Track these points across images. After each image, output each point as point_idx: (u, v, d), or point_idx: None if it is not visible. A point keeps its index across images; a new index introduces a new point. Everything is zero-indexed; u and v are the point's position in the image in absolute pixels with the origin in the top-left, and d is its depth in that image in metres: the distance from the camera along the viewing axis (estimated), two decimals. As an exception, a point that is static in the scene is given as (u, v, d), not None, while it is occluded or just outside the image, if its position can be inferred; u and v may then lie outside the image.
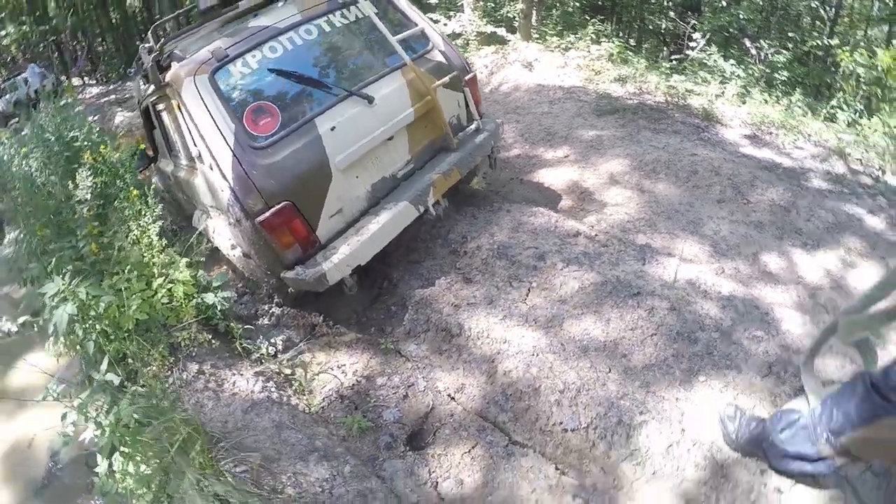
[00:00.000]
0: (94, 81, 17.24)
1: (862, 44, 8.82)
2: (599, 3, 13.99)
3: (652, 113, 5.59)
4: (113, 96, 13.35)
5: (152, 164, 4.61)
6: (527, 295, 3.01)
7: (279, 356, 3.19)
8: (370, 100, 3.18)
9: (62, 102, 4.67)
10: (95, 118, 9.76)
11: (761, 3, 12.60)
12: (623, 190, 4.12)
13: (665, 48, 11.63)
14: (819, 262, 3.59)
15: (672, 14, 13.38)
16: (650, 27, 14.64)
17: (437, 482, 2.40)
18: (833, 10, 13.07)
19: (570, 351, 2.61)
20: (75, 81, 18.67)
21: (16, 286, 4.28)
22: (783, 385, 2.46)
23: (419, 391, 2.79)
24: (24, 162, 4.08)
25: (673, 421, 2.27)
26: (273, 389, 2.81)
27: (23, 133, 5.09)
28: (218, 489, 2.05)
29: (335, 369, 3.07)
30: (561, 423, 2.36)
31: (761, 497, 2.08)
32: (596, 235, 3.42)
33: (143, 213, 3.17)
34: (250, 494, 2.06)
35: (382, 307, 3.41)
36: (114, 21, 20.67)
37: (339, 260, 2.95)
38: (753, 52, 10.31)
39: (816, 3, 14.71)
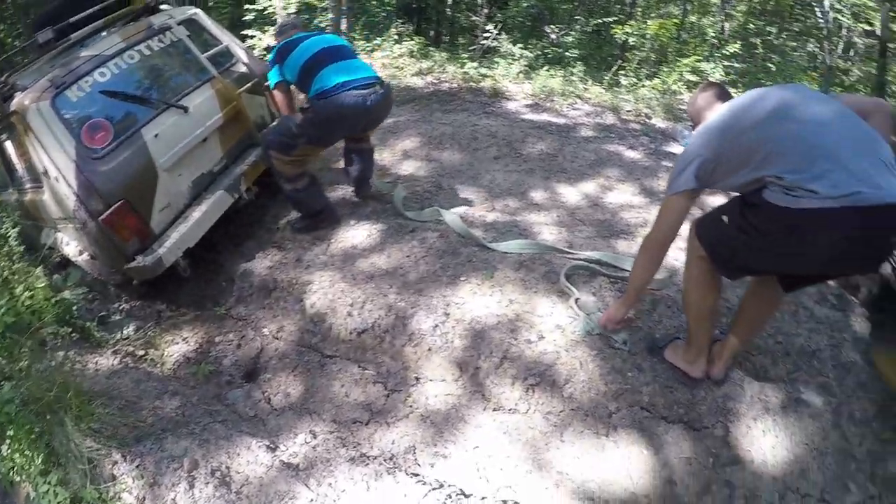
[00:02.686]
0: None
1: (633, 17, 10.30)
2: (414, 5, 15.30)
3: (444, 97, 6.64)
4: None
5: None
6: (327, 248, 3.84)
7: (132, 341, 3.81)
8: (185, 109, 3.96)
9: None
10: None
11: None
12: (414, 161, 5.04)
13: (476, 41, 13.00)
14: (580, 190, 4.64)
15: (485, 10, 14.78)
16: (464, 24, 16.13)
17: (269, 398, 3.17)
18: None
19: (359, 279, 3.46)
20: None
21: None
22: (531, 274, 3.38)
23: (250, 339, 3.56)
24: None
25: (438, 309, 3.14)
26: (130, 363, 3.48)
27: None
28: (94, 425, 2.70)
29: (181, 342, 3.73)
30: (355, 328, 3.21)
31: (512, 347, 2.95)
32: (385, 195, 4.33)
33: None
34: (120, 424, 2.74)
35: (215, 285, 4.11)
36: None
37: (172, 244, 3.69)
38: (553, 36, 11.77)
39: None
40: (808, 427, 2.76)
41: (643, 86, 8.34)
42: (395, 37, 9.33)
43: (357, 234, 3.89)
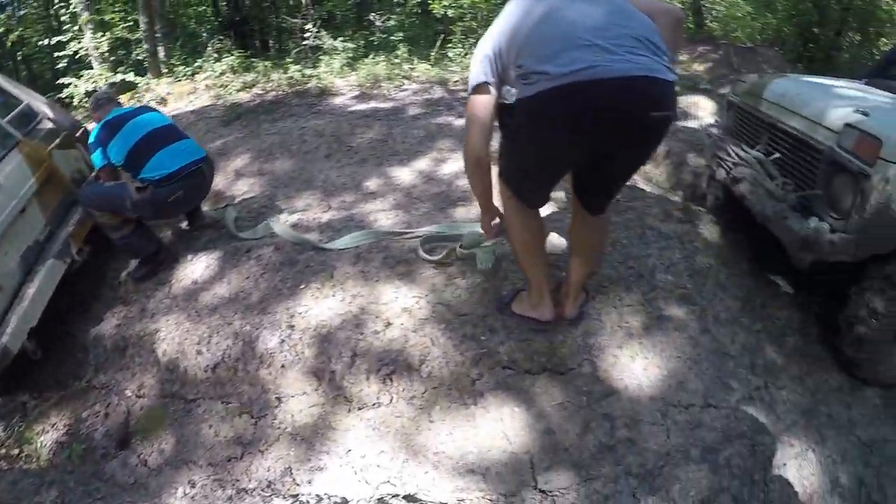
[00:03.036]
0: None
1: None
2: (236, 18, 14.88)
3: (271, 107, 6.55)
4: None
5: None
6: (169, 291, 3.72)
7: (2, 442, 3.57)
8: None
9: None
10: None
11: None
12: (247, 179, 4.95)
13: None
14: (414, 168, 4.71)
15: (311, 9, 14.57)
16: (290, 28, 15.86)
17: (145, 460, 3.05)
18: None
19: (203, 314, 3.38)
20: None
21: None
22: (370, 264, 3.41)
23: (115, 405, 3.39)
24: None
25: (282, 323, 3.12)
26: (5, 465, 3.26)
27: None
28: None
29: (50, 429, 3.53)
30: (207, 365, 3.14)
31: (360, 342, 2.96)
32: (219, 221, 4.26)
33: None
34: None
35: (71, 358, 3.90)
36: None
37: (13, 330, 3.37)
38: (379, 23, 11.76)
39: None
40: (676, 340, 2.89)
41: (470, 54, 8.48)
42: (215, 55, 9.08)
43: (196, 268, 3.79)
